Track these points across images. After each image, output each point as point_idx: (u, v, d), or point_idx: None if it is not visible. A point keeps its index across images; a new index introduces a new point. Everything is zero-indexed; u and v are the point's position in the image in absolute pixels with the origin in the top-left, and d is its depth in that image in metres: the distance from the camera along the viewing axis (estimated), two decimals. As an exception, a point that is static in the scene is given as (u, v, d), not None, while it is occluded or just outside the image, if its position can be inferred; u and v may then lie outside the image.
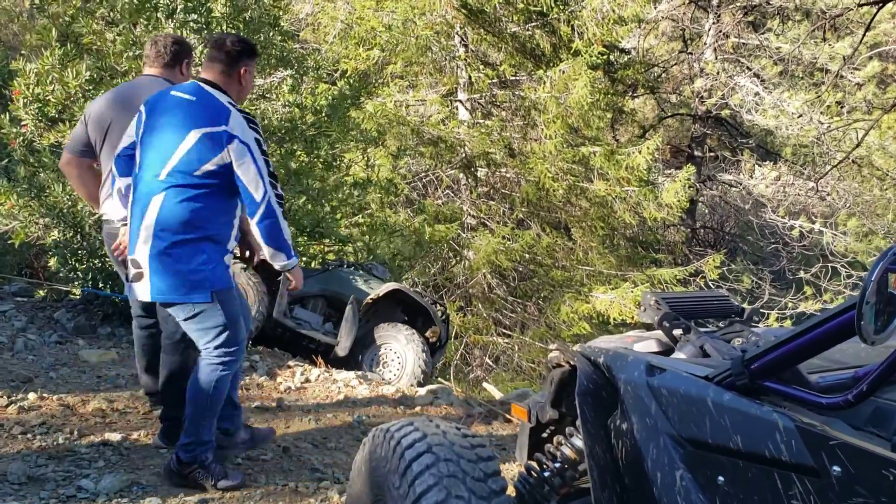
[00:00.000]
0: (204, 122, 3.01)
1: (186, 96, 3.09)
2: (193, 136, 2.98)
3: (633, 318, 10.15)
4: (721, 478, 1.47)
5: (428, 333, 6.38)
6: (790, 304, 11.78)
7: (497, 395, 6.98)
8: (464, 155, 11.72)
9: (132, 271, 3.05)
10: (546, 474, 2.15)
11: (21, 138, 5.80)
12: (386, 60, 11.87)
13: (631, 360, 1.79)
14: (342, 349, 5.94)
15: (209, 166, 2.99)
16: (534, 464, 2.23)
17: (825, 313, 1.34)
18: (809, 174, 14.38)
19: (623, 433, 1.73)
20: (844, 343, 1.36)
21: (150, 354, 3.65)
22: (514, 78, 11.81)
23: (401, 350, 6.04)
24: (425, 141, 11.47)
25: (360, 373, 5.59)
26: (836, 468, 1.24)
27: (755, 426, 1.40)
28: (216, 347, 3.11)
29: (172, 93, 3.12)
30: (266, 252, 3.15)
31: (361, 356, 6.14)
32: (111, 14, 5.95)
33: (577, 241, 12.49)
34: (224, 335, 3.11)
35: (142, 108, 3.15)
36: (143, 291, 3.03)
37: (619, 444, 1.75)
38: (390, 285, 6.31)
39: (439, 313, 6.61)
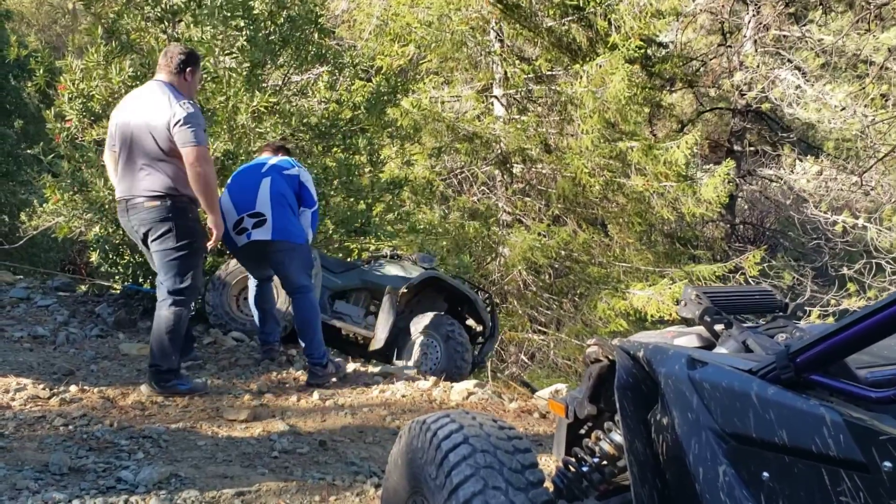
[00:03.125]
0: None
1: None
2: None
3: (671, 314, 10.03)
4: (766, 473, 1.43)
5: (471, 322, 6.22)
6: (833, 301, 11.54)
7: (533, 391, 6.93)
8: (499, 151, 11.69)
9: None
10: (584, 469, 2.13)
11: (65, 133, 5.91)
12: (421, 56, 11.87)
13: (672, 354, 1.75)
14: (377, 342, 5.81)
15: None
16: (572, 459, 2.20)
17: (874, 305, 1.30)
18: (853, 168, 14.06)
19: (664, 428, 1.70)
20: (893, 338, 1.31)
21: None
22: (550, 73, 11.74)
23: (438, 342, 5.86)
24: (460, 137, 11.45)
25: (396, 366, 5.56)
26: (888, 463, 1.20)
27: (801, 420, 1.36)
28: None
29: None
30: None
31: (398, 349, 6.00)
32: (156, 11, 6.03)
33: (613, 238, 12.40)
34: None
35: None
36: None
37: (660, 438, 1.72)
38: (425, 274, 6.14)
39: (484, 302, 6.39)
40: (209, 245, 4.24)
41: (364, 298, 6.30)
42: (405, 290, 6.06)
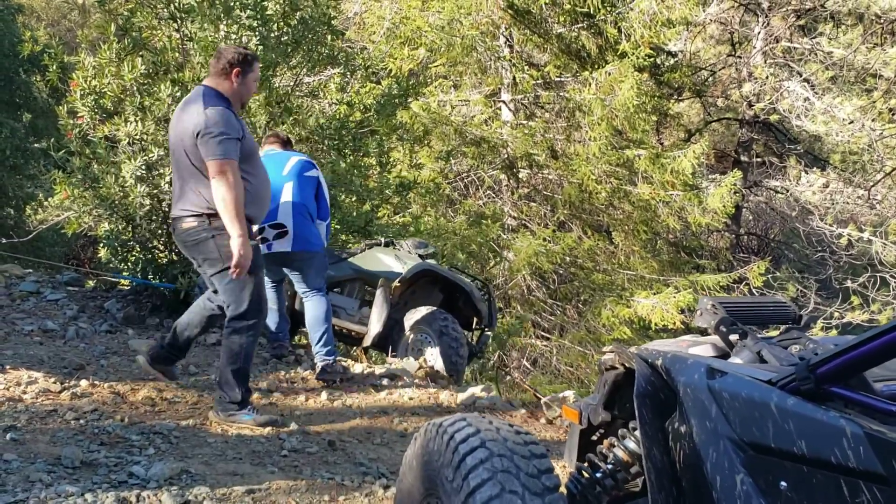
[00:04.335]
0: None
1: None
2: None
3: (674, 323, 10.04)
4: (784, 483, 1.45)
5: (468, 314, 6.08)
6: (836, 314, 11.55)
7: (540, 397, 6.93)
8: (506, 156, 11.71)
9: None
10: (598, 475, 2.15)
11: (77, 130, 5.94)
12: (430, 60, 11.90)
13: (691, 363, 1.77)
14: (370, 337, 5.64)
15: None
16: (586, 465, 2.22)
17: (896, 320, 1.32)
18: (859, 182, 14.09)
19: (681, 436, 1.72)
20: None
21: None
22: (558, 79, 11.76)
23: (432, 338, 5.66)
24: (468, 141, 11.48)
25: (401, 366, 5.53)
26: None
27: (821, 432, 1.38)
28: None
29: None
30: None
31: (393, 343, 5.82)
32: (168, 9, 6.07)
33: (618, 245, 12.41)
34: None
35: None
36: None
37: (677, 446, 1.74)
38: (418, 266, 5.88)
39: (481, 293, 6.19)
40: (232, 273, 3.64)
41: (358, 289, 6.13)
42: (398, 284, 5.86)
